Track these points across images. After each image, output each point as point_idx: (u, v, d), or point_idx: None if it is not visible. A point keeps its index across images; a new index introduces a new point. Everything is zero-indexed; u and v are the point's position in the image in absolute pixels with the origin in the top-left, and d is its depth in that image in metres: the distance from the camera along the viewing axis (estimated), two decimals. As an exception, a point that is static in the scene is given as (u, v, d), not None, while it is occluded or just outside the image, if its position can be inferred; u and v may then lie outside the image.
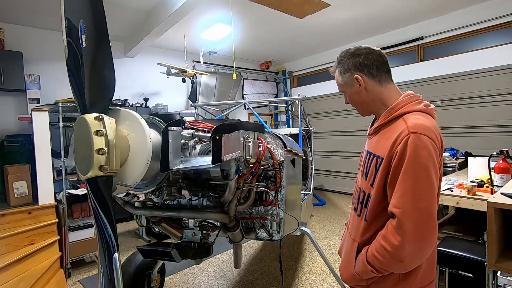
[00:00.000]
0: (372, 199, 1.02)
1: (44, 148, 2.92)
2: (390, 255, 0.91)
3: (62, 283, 2.73)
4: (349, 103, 1.20)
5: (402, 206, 0.89)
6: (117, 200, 1.58)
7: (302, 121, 3.96)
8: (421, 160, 0.90)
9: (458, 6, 4.54)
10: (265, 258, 3.42)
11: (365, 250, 1.02)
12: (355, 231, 1.11)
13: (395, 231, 0.90)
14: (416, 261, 0.92)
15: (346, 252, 1.16)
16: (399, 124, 0.99)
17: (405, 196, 0.90)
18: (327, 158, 6.77)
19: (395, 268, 0.95)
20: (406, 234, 0.88)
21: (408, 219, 0.88)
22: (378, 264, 0.95)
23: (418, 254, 0.90)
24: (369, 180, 1.05)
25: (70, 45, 1.05)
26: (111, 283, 1.00)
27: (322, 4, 3.32)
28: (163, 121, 1.27)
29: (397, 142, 0.94)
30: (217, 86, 6.45)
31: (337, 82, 1.17)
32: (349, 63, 1.11)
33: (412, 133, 0.92)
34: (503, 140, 4.22)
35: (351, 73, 1.10)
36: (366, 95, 1.11)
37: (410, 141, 0.91)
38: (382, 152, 1.00)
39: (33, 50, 4.37)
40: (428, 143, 0.91)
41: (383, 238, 0.94)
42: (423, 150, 0.91)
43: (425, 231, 0.88)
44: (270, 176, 1.77)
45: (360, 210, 1.10)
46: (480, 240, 2.17)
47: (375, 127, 1.11)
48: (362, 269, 1.01)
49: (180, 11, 3.63)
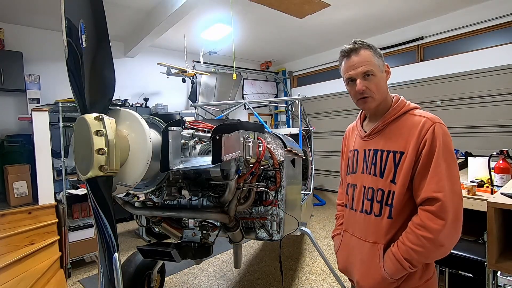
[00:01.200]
0: (397, 195, 1.02)
1: (44, 148, 2.93)
2: (431, 243, 0.93)
3: (62, 283, 2.73)
4: (364, 89, 1.06)
5: (443, 190, 0.93)
6: (117, 200, 1.57)
7: (302, 121, 3.95)
8: (449, 146, 0.98)
9: (458, 6, 4.54)
10: (265, 258, 3.42)
11: (395, 248, 1.01)
12: (375, 233, 1.07)
13: (437, 215, 0.93)
14: (454, 242, 0.96)
15: (364, 258, 1.10)
16: (411, 118, 1.05)
17: (443, 181, 0.94)
18: (327, 158, 6.77)
19: (436, 255, 0.98)
20: (448, 216, 0.92)
21: (450, 202, 0.93)
22: (417, 257, 0.96)
23: (455, 235, 0.95)
24: (387, 177, 1.05)
25: (70, 45, 1.04)
26: (111, 283, 1.00)
27: (322, 4, 3.32)
28: (163, 121, 1.27)
29: (423, 132, 0.99)
30: (217, 86, 6.45)
31: (370, 60, 1.07)
32: (380, 52, 1.11)
33: (436, 122, 1.00)
34: (503, 140, 4.22)
35: (382, 60, 1.10)
36: (385, 86, 1.12)
37: (437, 130, 0.98)
38: (401, 147, 1.02)
39: (33, 50, 4.37)
40: (447, 131, 1.01)
41: (419, 227, 0.95)
42: (448, 137, 0.99)
43: (460, 211, 0.94)
44: (270, 176, 1.77)
45: (380, 210, 1.06)
46: (480, 240, 2.17)
47: (380, 125, 1.11)
48: (396, 268, 0.99)
49: (180, 11, 3.63)
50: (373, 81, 1.07)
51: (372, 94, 1.08)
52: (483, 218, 1.66)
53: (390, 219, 1.03)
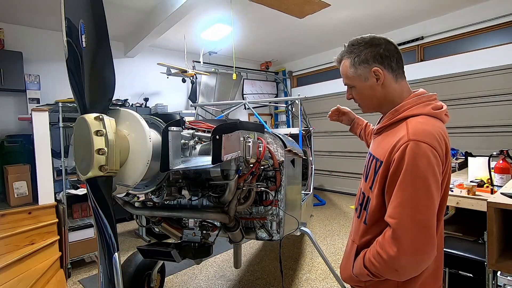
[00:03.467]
0: (371, 203, 0.99)
1: (44, 148, 2.93)
2: (385, 263, 0.88)
3: (62, 283, 2.73)
4: (351, 98, 1.08)
5: (398, 217, 0.85)
6: (117, 200, 1.57)
7: (302, 121, 3.96)
8: (419, 170, 0.84)
9: (458, 6, 4.54)
10: (265, 258, 3.42)
11: (363, 253, 1.00)
12: (355, 232, 1.09)
13: (391, 242, 0.86)
14: (412, 272, 0.89)
15: (346, 252, 1.15)
16: (401, 129, 0.93)
17: (401, 207, 0.85)
18: (327, 158, 6.77)
19: (390, 276, 0.92)
20: (402, 246, 0.84)
21: (404, 232, 0.84)
22: (374, 269, 0.92)
23: (414, 266, 0.87)
24: (368, 183, 1.02)
25: (70, 45, 1.04)
26: (111, 283, 1.00)
27: (322, 4, 3.32)
28: (163, 121, 1.27)
29: (395, 149, 0.89)
30: (217, 86, 6.45)
31: (345, 73, 1.03)
32: (366, 53, 0.97)
33: (411, 140, 0.86)
34: (503, 140, 4.22)
35: (368, 65, 0.98)
36: (380, 91, 1.00)
37: (408, 149, 0.85)
38: (382, 156, 0.95)
39: (33, 50, 4.37)
40: (428, 151, 0.85)
41: (380, 245, 0.91)
42: (422, 159, 0.84)
43: (421, 244, 0.84)
44: (270, 176, 1.77)
45: (359, 212, 1.07)
46: (480, 240, 2.17)
47: (378, 128, 1.06)
48: (360, 271, 0.99)
49: (180, 11, 3.63)
50: (354, 92, 1.05)
51: (358, 103, 1.08)
52: (483, 218, 1.66)
53: (365, 225, 1.02)
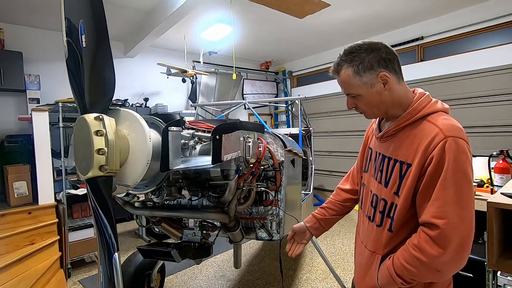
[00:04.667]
0: (399, 209, 0.94)
1: (44, 148, 2.93)
2: (426, 266, 0.85)
3: (62, 283, 2.73)
4: (354, 107, 1.02)
5: (446, 217, 0.82)
6: (117, 200, 1.57)
7: (302, 121, 3.95)
8: (461, 166, 0.84)
9: (458, 6, 4.54)
10: (265, 258, 3.41)
11: (390, 261, 0.94)
12: (374, 242, 1.02)
13: (436, 242, 0.83)
14: (455, 270, 0.87)
15: (362, 264, 1.08)
16: (427, 127, 0.91)
17: (448, 206, 0.83)
18: (327, 158, 6.77)
19: (430, 278, 0.89)
20: (450, 246, 0.82)
21: (453, 230, 0.82)
22: (409, 276, 0.88)
23: (459, 263, 0.85)
24: (391, 188, 0.97)
25: (70, 45, 1.05)
26: (111, 283, 1.00)
27: (322, 4, 3.32)
28: (163, 121, 1.27)
29: (432, 147, 0.86)
30: (217, 86, 6.45)
31: (348, 82, 0.97)
32: (370, 59, 0.94)
33: (448, 137, 0.85)
34: (503, 140, 4.22)
35: (374, 71, 0.94)
36: (387, 95, 0.96)
37: (447, 146, 0.84)
38: (408, 158, 0.91)
39: (33, 50, 4.36)
40: (465, 147, 0.86)
41: (416, 248, 0.86)
42: (462, 155, 0.85)
43: (468, 240, 0.84)
44: (270, 176, 1.77)
45: (381, 220, 1.01)
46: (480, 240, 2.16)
47: (392, 129, 1.00)
48: (388, 281, 0.94)
49: (180, 11, 3.63)
50: (360, 101, 1.00)
51: (364, 111, 1.02)
52: (483, 218, 1.66)
53: (391, 232, 0.97)
